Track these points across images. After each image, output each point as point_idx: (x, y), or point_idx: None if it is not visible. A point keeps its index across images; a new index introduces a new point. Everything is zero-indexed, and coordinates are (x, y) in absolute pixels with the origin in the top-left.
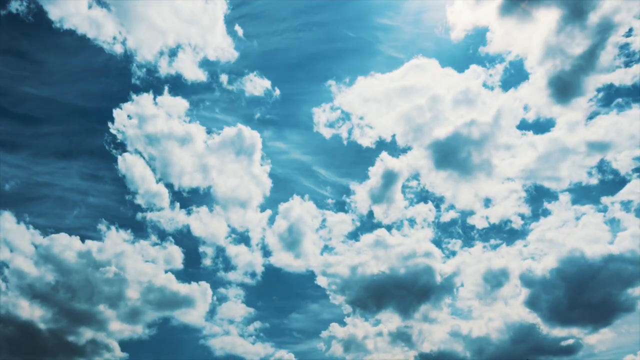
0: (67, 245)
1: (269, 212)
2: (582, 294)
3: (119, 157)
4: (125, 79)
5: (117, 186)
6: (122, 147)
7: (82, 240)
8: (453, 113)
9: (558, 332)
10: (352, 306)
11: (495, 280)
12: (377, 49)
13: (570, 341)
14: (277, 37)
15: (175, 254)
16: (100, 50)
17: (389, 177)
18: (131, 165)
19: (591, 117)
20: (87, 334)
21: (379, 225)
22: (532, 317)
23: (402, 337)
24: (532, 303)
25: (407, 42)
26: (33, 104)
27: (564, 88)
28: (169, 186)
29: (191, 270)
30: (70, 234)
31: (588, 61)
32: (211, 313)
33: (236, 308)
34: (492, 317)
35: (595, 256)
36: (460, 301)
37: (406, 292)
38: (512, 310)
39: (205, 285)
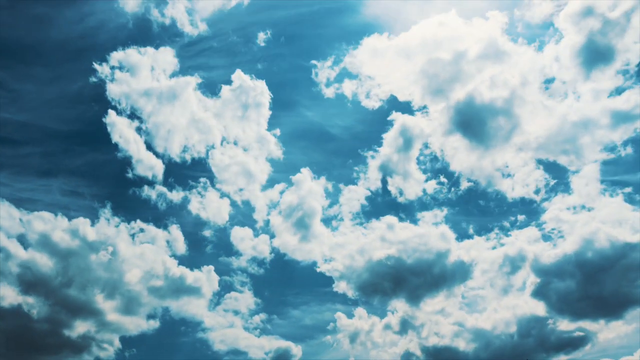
0: (56, 226)
1: (276, 187)
2: (596, 284)
3: (105, 120)
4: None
5: (105, 157)
6: (106, 106)
7: (70, 219)
8: (474, 67)
9: (569, 325)
10: (359, 295)
11: (507, 268)
12: None
13: (580, 334)
14: None
15: (169, 236)
16: None
17: (405, 144)
18: (119, 130)
19: (621, 87)
20: (81, 326)
21: (393, 202)
22: (542, 310)
23: (409, 329)
24: (543, 294)
25: None
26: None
27: (594, 53)
28: (163, 156)
29: (191, 256)
30: (56, 214)
31: (623, 26)
32: (214, 303)
33: (241, 298)
34: (501, 309)
35: (616, 242)
36: (470, 291)
37: (415, 281)
38: (522, 301)
39: (207, 273)
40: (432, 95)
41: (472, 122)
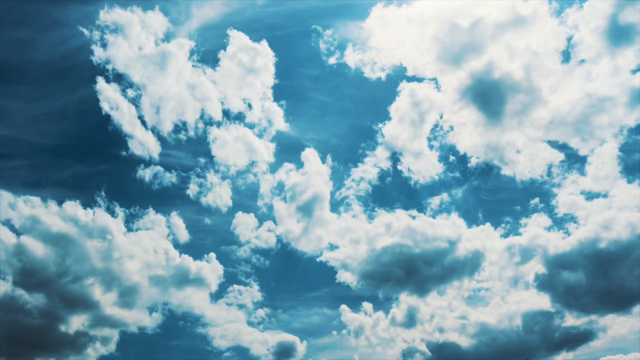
0: (47, 212)
1: (281, 169)
2: (607, 277)
3: (96, 87)
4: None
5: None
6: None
7: (60, 204)
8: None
9: (578, 319)
10: (364, 287)
11: (516, 259)
12: None
13: (589, 328)
14: None
15: (169, 224)
16: None
17: (414, 118)
18: (111, 101)
19: None
20: (77, 320)
21: (400, 184)
22: (552, 305)
23: (414, 323)
24: (552, 287)
25: None
26: None
27: (618, 24)
28: (157, 131)
29: (191, 245)
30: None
31: None
32: (216, 296)
33: (244, 291)
34: (508, 303)
35: (632, 231)
36: (477, 283)
37: (423, 272)
38: (529, 295)
39: (209, 264)
40: (445, 65)
41: (486, 95)
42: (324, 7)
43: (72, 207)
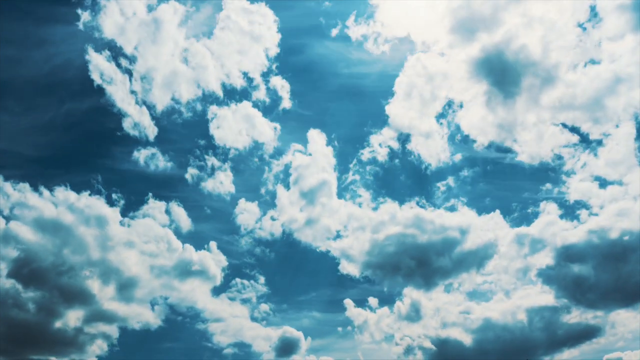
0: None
1: (285, 154)
2: (616, 270)
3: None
4: None
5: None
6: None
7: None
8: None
9: (583, 315)
10: (370, 278)
11: (525, 250)
12: None
13: (597, 323)
14: None
15: (169, 212)
16: None
17: (423, 96)
18: (105, 74)
19: None
20: (73, 316)
21: (407, 170)
22: (558, 299)
23: (419, 318)
24: (558, 281)
25: None
26: None
27: None
28: (151, 109)
29: (192, 235)
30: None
31: None
32: (218, 290)
33: (247, 284)
34: (515, 297)
35: None
36: (483, 277)
37: (430, 264)
38: (535, 290)
39: (209, 256)
40: (457, 37)
41: (499, 71)
42: None
43: (65, 193)
